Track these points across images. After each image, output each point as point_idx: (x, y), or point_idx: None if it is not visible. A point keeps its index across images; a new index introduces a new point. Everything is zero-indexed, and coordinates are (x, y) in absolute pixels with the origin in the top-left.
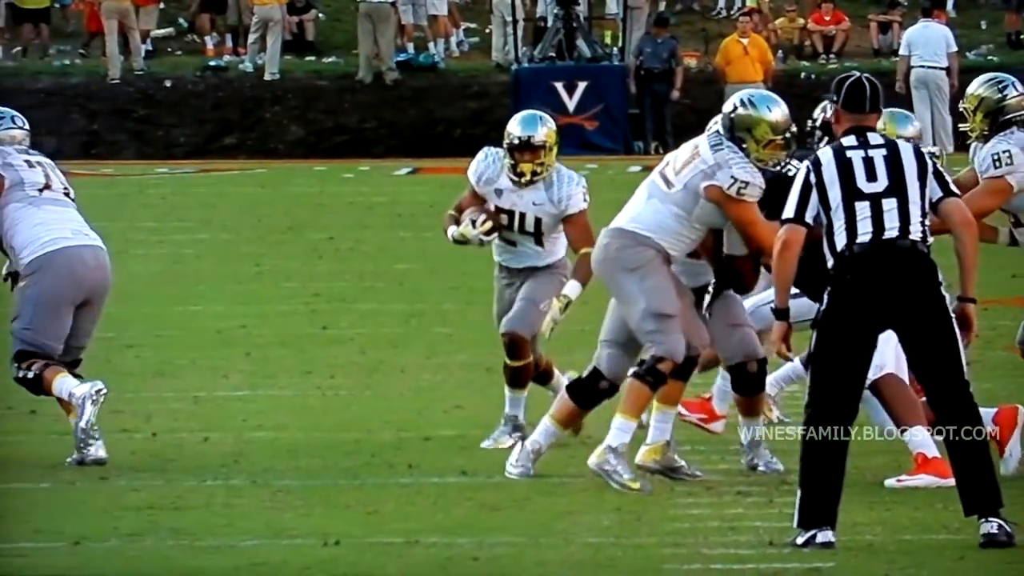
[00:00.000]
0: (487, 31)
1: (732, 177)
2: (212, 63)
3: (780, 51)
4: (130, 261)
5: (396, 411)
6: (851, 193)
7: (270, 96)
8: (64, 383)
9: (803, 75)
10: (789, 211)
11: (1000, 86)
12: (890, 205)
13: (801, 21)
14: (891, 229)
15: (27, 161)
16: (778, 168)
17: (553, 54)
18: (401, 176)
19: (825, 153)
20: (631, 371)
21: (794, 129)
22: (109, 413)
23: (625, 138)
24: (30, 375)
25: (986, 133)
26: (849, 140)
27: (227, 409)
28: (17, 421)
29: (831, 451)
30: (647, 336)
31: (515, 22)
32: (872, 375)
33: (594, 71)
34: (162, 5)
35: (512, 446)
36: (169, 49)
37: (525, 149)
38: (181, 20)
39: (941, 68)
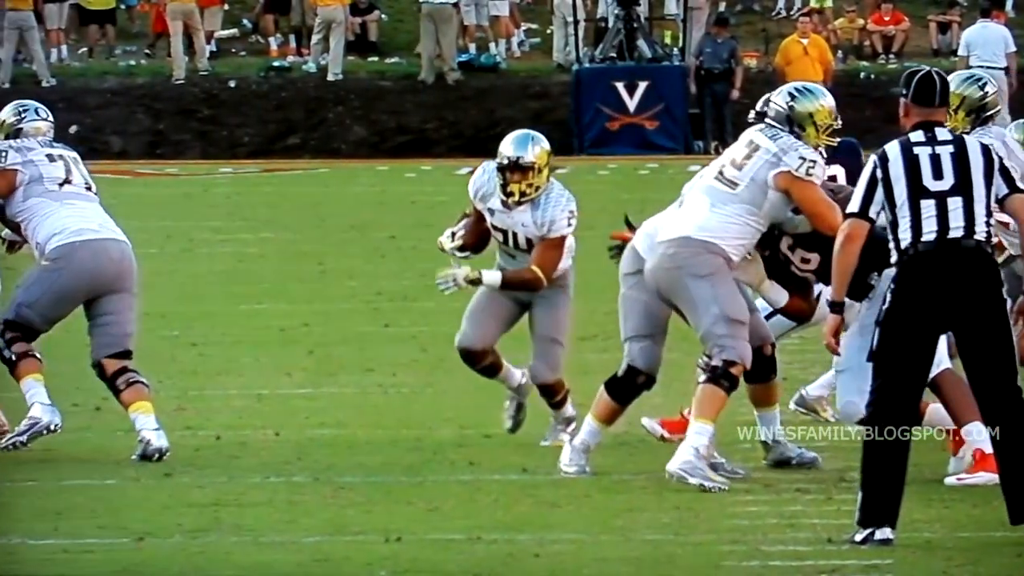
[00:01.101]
0: (548, 31)
1: (801, 157)
2: (276, 64)
3: (840, 51)
4: (195, 260)
5: (457, 408)
6: (917, 191)
7: (333, 96)
8: (33, 390)
9: (862, 75)
10: (854, 205)
11: (980, 84)
12: (955, 204)
13: (861, 21)
14: (956, 228)
15: (48, 156)
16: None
17: (614, 54)
18: (463, 176)
19: (892, 148)
20: (702, 377)
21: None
22: (174, 411)
23: (685, 138)
24: (7, 354)
25: (966, 131)
26: (917, 136)
27: (290, 407)
28: (82, 418)
29: (893, 450)
30: (718, 339)
31: (576, 22)
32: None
33: (654, 71)
34: (226, 6)
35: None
36: (233, 50)
37: (515, 169)
38: (245, 21)
39: (1000, 68)
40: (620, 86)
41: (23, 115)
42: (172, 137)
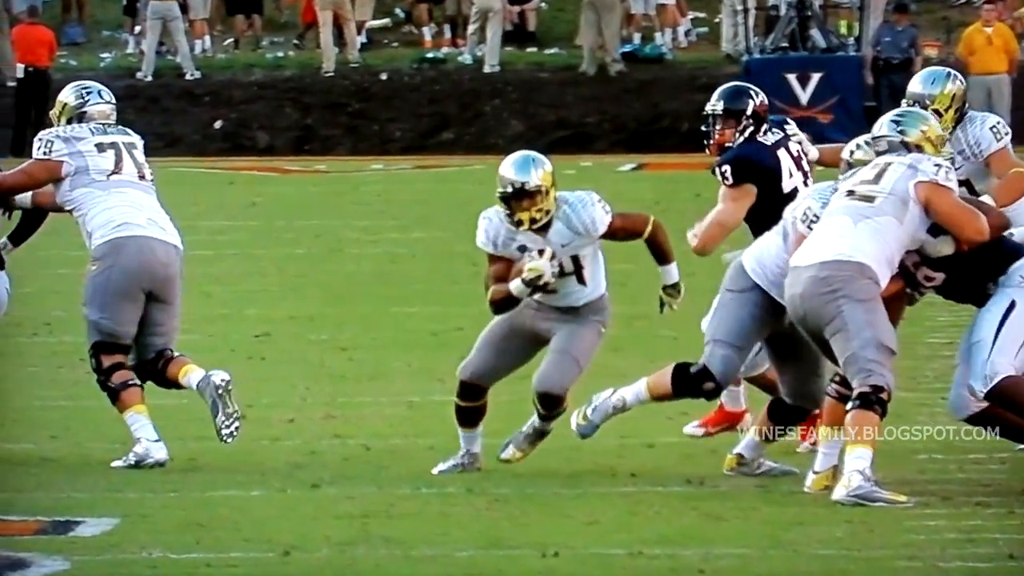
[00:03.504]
0: (716, 20)
1: (936, 165)
2: (429, 55)
3: None
4: (344, 261)
5: (618, 417)
6: None
7: (489, 89)
8: (139, 423)
9: None
10: None
11: (954, 76)
12: None
13: None
14: None
15: (98, 145)
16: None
17: (786, 44)
18: (625, 172)
19: None
20: (852, 403)
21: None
22: (322, 418)
23: (861, 132)
24: (111, 385)
25: (950, 129)
26: None
27: (443, 414)
28: None
29: None
30: (866, 363)
31: (746, 11)
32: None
33: (829, 62)
34: None
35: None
36: (385, 41)
37: (521, 196)
38: (398, 10)
39: None
40: (792, 78)
41: (86, 98)
42: (321, 132)
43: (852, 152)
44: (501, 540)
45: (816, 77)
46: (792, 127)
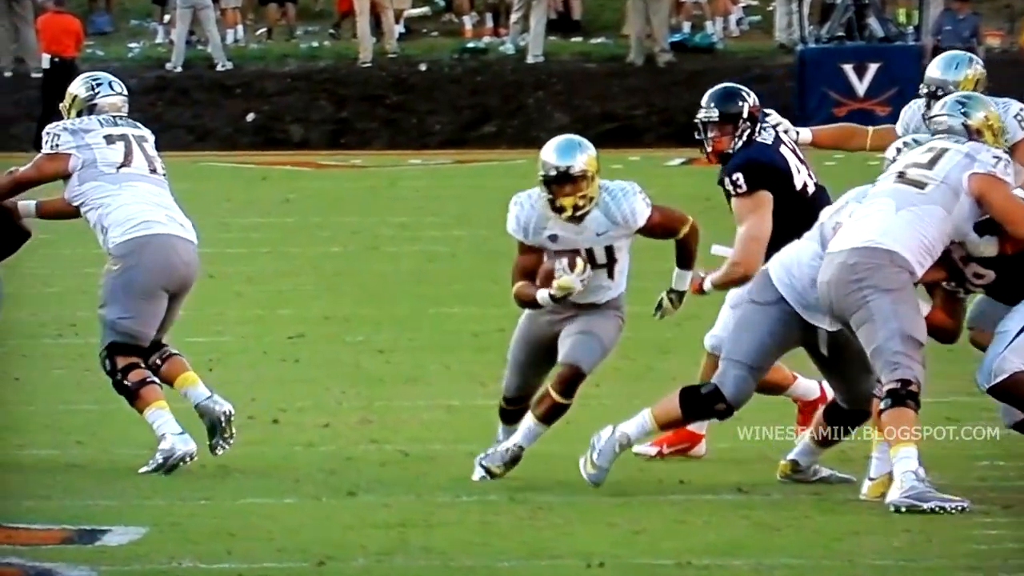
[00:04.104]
0: (769, 9)
1: (995, 157)
2: (470, 45)
3: None
4: (380, 259)
5: None
6: None
7: (533, 80)
8: (161, 419)
9: None
10: None
11: (975, 60)
12: None
13: None
14: None
15: (107, 137)
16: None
17: (842, 33)
18: (673, 167)
19: None
20: (884, 402)
21: None
22: (357, 423)
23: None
24: (127, 384)
25: None
26: None
27: (484, 419)
28: (259, 431)
29: None
30: (892, 355)
31: None
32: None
33: (887, 52)
34: None
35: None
36: (424, 30)
37: (564, 181)
38: None
39: None
40: (848, 68)
41: (96, 89)
42: (357, 126)
43: (894, 155)
44: (544, 550)
45: (873, 68)
46: (775, 117)
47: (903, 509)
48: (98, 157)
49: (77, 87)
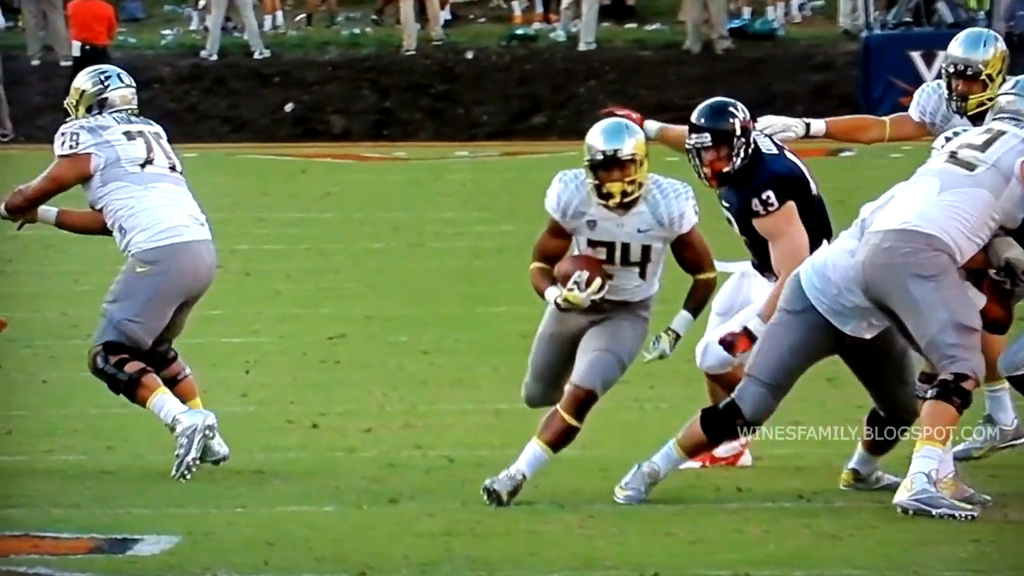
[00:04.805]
0: None
1: None
2: (519, 31)
3: None
4: (425, 256)
5: None
6: None
7: (584, 69)
8: (167, 405)
9: None
10: None
11: (998, 37)
12: None
13: None
14: None
15: (126, 133)
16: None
17: (909, 19)
18: None
19: None
20: (929, 391)
21: None
22: (401, 428)
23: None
24: (122, 377)
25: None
26: None
27: (532, 423)
28: (296, 436)
29: None
30: (948, 349)
31: None
32: None
33: None
34: None
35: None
36: (471, 16)
37: (612, 166)
38: None
39: None
40: (916, 55)
41: (106, 82)
42: (401, 116)
43: (943, 144)
44: (596, 560)
45: (942, 55)
46: (763, 121)
47: (910, 512)
48: (121, 155)
49: (83, 82)
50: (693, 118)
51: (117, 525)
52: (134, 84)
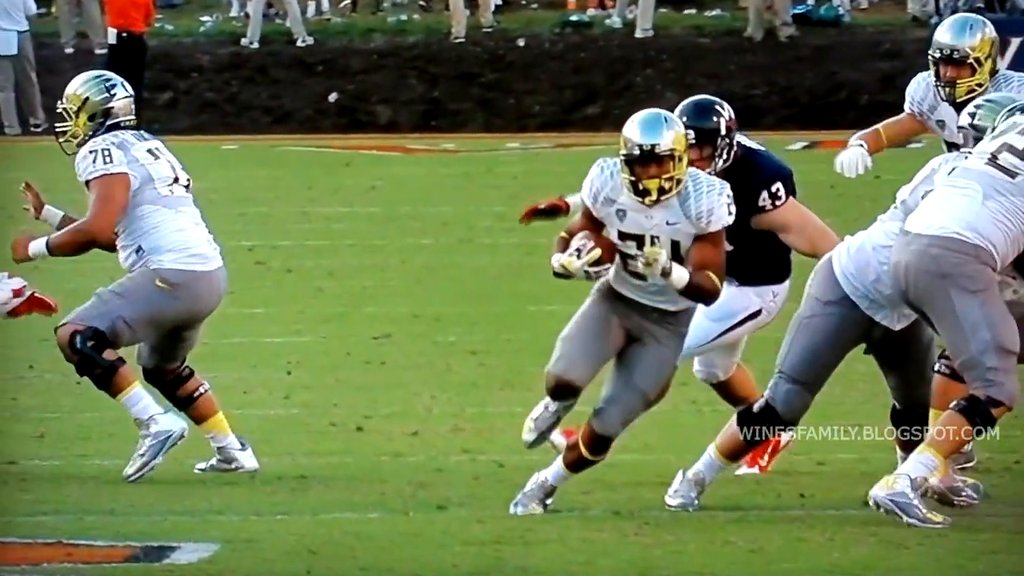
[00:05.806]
0: None
1: None
2: (573, 18)
3: None
4: (475, 252)
5: None
6: None
7: (641, 57)
8: (144, 400)
9: None
10: None
11: (987, 23)
12: None
13: None
14: None
15: (150, 151)
16: None
17: (981, 5)
18: (796, 151)
19: None
20: (958, 403)
21: None
22: (449, 431)
23: None
24: (103, 363)
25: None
26: None
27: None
28: (341, 440)
29: None
30: (987, 372)
31: None
32: None
33: None
34: None
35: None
36: (524, 2)
37: (649, 161)
38: None
39: None
40: None
41: (112, 91)
42: (449, 107)
43: (971, 121)
44: (652, 569)
45: (1016, 42)
46: (836, 164)
47: (881, 509)
48: (153, 174)
49: (87, 88)
50: (676, 116)
51: (153, 532)
52: (132, 92)
